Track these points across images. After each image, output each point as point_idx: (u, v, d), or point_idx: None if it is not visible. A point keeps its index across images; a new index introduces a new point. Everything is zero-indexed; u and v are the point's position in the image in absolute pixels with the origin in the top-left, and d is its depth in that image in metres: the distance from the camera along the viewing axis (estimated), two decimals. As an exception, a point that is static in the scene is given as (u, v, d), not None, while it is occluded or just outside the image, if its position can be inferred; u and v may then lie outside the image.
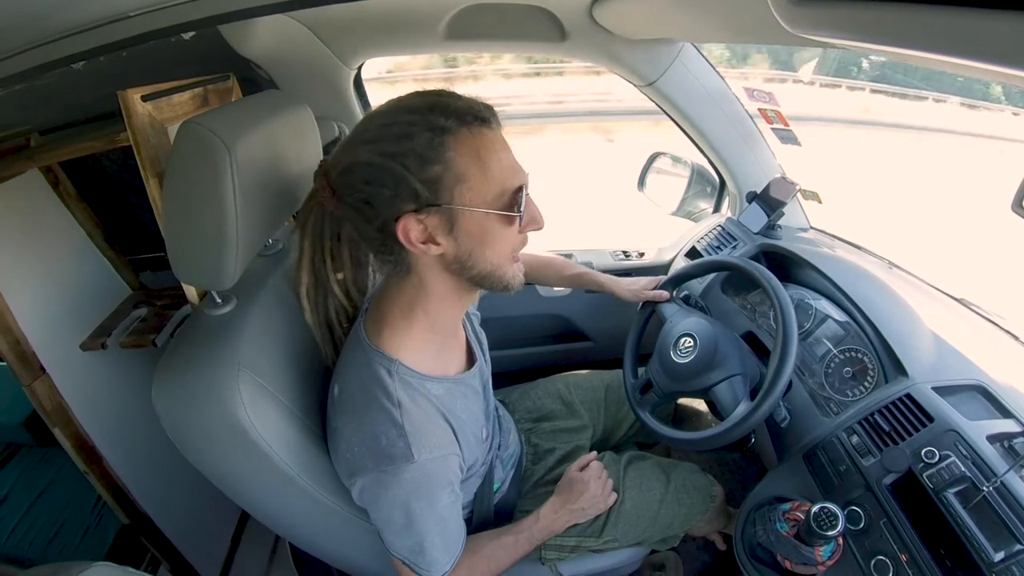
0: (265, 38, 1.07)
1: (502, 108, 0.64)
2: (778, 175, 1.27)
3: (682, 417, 1.31)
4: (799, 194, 1.23)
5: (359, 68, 1.25)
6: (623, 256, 1.49)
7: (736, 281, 1.18)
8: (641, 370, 1.05)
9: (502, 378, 1.07)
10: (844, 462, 0.81)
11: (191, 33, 0.68)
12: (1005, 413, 0.76)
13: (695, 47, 1.17)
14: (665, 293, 1.07)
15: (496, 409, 0.94)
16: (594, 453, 0.97)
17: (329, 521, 0.77)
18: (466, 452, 0.73)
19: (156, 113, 0.79)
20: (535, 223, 0.66)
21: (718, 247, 1.29)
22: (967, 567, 0.64)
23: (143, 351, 1.14)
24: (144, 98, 0.77)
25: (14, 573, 1.18)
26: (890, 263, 1.18)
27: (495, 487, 0.91)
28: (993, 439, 0.71)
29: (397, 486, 0.64)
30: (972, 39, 0.37)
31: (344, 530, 0.79)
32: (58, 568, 0.53)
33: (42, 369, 1.01)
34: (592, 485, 0.90)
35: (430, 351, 0.72)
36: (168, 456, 0.75)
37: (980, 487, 0.66)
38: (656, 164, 1.44)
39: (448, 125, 0.57)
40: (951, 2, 0.36)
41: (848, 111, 7.32)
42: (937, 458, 0.71)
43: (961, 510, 0.66)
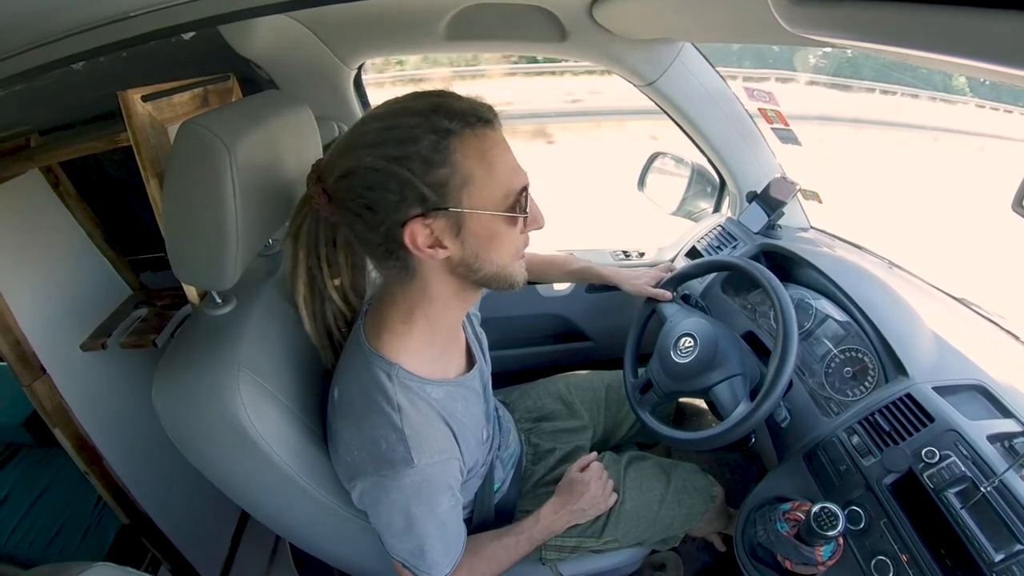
0: (265, 38, 1.07)
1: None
2: (778, 175, 1.27)
3: (685, 416, 1.31)
4: (799, 194, 1.23)
5: (359, 68, 1.26)
6: (623, 256, 1.49)
7: (736, 281, 1.18)
8: (641, 370, 1.05)
9: (502, 378, 1.07)
10: (844, 462, 0.81)
11: (191, 33, 0.68)
12: (1005, 413, 0.76)
13: (695, 47, 1.17)
14: (667, 293, 1.07)
15: (496, 409, 0.94)
16: (595, 454, 0.96)
17: (329, 521, 0.77)
18: (466, 455, 0.73)
19: (156, 113, 0.79)
20: (537, 223, 0.66)
21: (718, 247, 1.29)
22: (967, 567, 0.64)
23: (143, 351, 1.14)
24: (144, 98, 0.77)
25: (15, 573, 1.18)
26: (890, 263, 1.18)
27: (495, 487, 0.91)
28: (993, 439, 0.71)
29: (397, 491, 0.64)
30: (972, 38, 0.37)
31: (344, 530, 0.79)
32: (58, 568, 0.53)
33: (42, 369, 1.01)
34: (593, 486, 0.90)
35: (430, 354, 0.71)
36: (168, 456, 0.75)
37: (980, 487, 0.66)
38: (656, 164, 1.44)
39: (452, 127, 0.56)
40: (951, 2, 0.36)
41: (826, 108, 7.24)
42: (937, 458, 0.71)
43: (961, 510, 0.66)
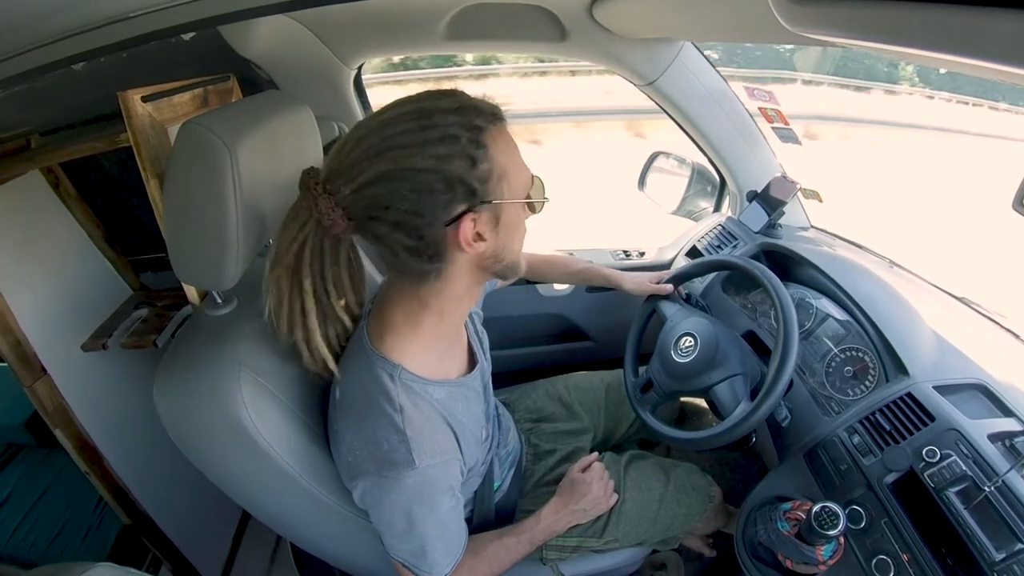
0: (265, 38, 1.07)
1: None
2: (778, 174, 1.27)
3: (686, 415, 1.31)
4: (799, 193, 1.23)
5: (359, 68, 1.25)
6: (623, 256, 1.49)
7: (737, 280, 1.18)
8: (642, 369, 1.05)
9: (503, 378, 1.07)
10: (845, 461, 0.81)
11: (191, 34, 0.68)
12: (1006, 412, 0.76)
13: (695, 46, 1.17)
14: (669, 287, 1.07)
15: (496, 408, 0.94)
16: (596, 454, 0.96)
17: (330, 521, 0.77)
18: (467, 454, 0.73)
19: (156, 114, 0.79)
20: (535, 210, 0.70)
21: (719, 246, 1.29)
22: (968, 566, 0.64)
23: (144, 352, 1.14)
24: (144, 99, 0.77)
25: (16, 574, 1.18)
26: (891, 262, 1.18)
27: (495, 485, 0.91)
28: (994, 438, 0.71)
29: (398, 491, 0.64)
30: (972, 37, 0.37)
31: (345, 530, 0.79)
32: (60, 569, 0.53)
33: (43, 370, 1.01)
34: (594, 486, 0.90)
35: (433, 355, 0.71)
36: (169, 456, 0.75)
37: (981, 486, 0.66)
38: (656, 163, 1.44)
39: (481, 124, 0.58)
40: (951, 1, 0.36)
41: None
42: (938, 457, 0.71)
43: (962, 509, 0.66)
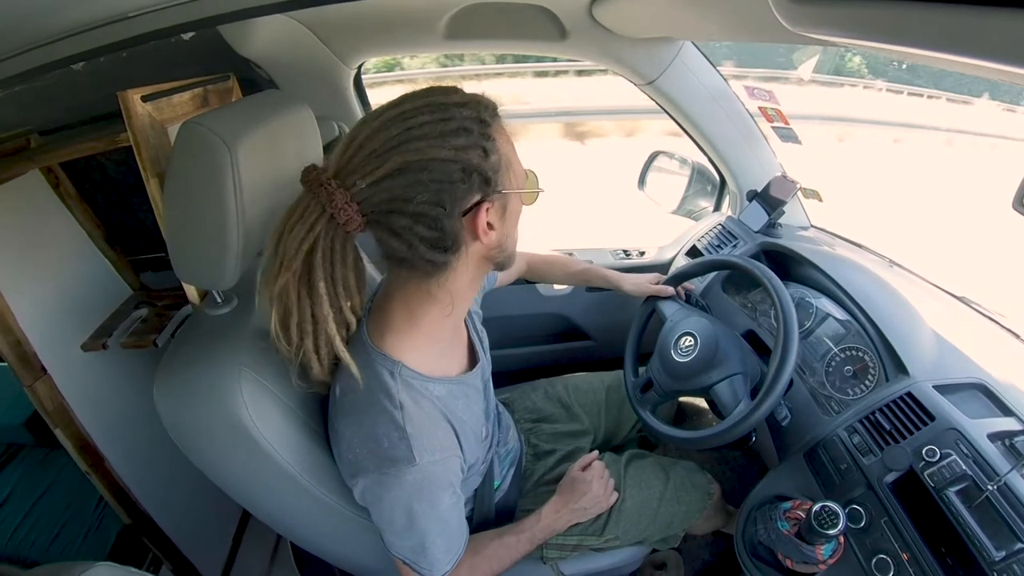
0: (265, 38, 1.07)
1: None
2: (778, 173, 1.27)
3: (685, 415, 1.31)
4: (799, 192, 1.23)
5: (359, 67, 1.25)
6: (623, 255, 1.49)
7: (737, 280, 1.18)
8: (642, 369, 1.05)
9: (503, 377, 1.07)
10: (845, 461, 0.81)
11: (191, 33, 0.68)
12: (1006, 411, 0.76)
13: (695, 46, 1.17)
14: (669, 288, 1.07)
15: (496, 407, 0.94)
16: (596, 453, 0.97)
17: (331, 520, 0.77)
18: (467, 452, 0.73)
19: (156, 113, 0.79)
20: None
21: (719, 246, 1.29)
22: (968, 565, 0.64)
23: (144, 351, 1.14)
24: (144, 98, 0.77)
25: (16, 574, 1.18)
26: (891, 261, 1.18)
27: (495, 484, 0.91)
28: (994, 437, 0.71)
29: (399, 488, 0.64)
30: (972, 37, 0.37)
31: (346, 529, 0.79)
32: (60, 568, 0.53)
33: (43, 370, 1.01)
34: (595, 485, 0.91)
35: (434, 352, 0.71)
36: (170, 456, 0.75)
37: (981, 486, 0.66)
38: (656, 163, 1.44)
39: (487, 118, 0.60)
40: (951, 0, 0.36)
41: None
42: (938, 457, 0.71)
43: (962, 508, 0.66)
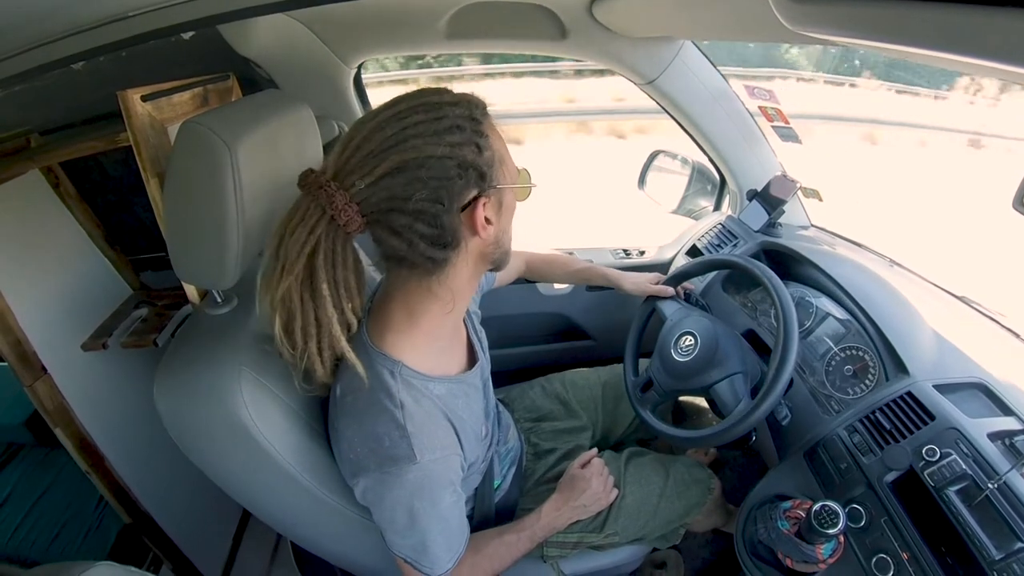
0: (265, 37, 1.07)
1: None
2: (778, 173, 1.27)
3: (685, 415, 1.31)
4: (799, 192, 1.23)
5: (359, 67, 1.25)
6: (623, 254, 1.49)
7: (737, 279, 1.18)
8: (642, 368, 1.05)
9: (503, 376, 1.07)
10: (845, 460, 0.81)
11: (191, 33, 0.68)
12: (1006, 411, 0.76)
13: (695, 45, 1.17)
14: (669, 288, 1.07)
15: (496, 406, 0.94)
16: (595, 450, 0.97)
17: (331, 520, 0.77)
18: (467, 451, 0.73)
19: (156, 113, 0.79)
20: None
21: (719, 245, 1.29)
22: (968, 565, 0.64)
23: (144, 351, 1.14)
24: (144, 98, 0.77)
25: (16, 573, 1.18)
26: (891, 261, 1.18)
27: (496, 484, 0.91)
28: (994, 437, 0.71)
29: (400, 487, 0.64)
30: (972, 36, 0.37)
31: (346, 528, 0.79)
32: (60, 568, 0.53)
33: (43, 369, 1.01)
34: (594, 482, 0.91)
35: (433, 351, 0.71)
36: (170, 456, 0.75)
37: (981, 485, 0.66)
38: (656, 162, 1.44)
39: (478, 116, 0.61)
40: (951, 0, 0.36)
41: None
42: (938, 456, 0.71)
43: (962, 508, 0.66)
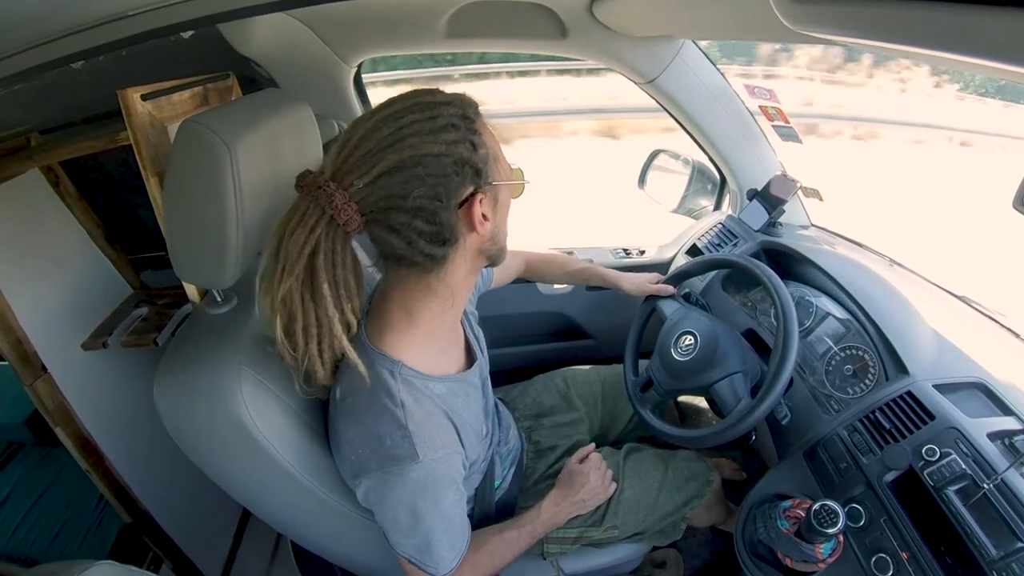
0: (265, 36, 1.07)
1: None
2: (779, 172, 1.27)
3: (684, 414, 1.31)
4: (800, 191, 1.23)
5: (359, 66, 1.25)
6: (623, 254, 1.49)
7: (737, 278, 1.18)
8: (642, 368, 1.05)
9: (503, 376, 1.07)
10: (845, 460, 0.81)
11: (191, 32, 0.68)
12: (1006, 410, 0.76)
13: (696, 44, 1.17)
14: (670, 288, 1.07)
15: (496, 406, 0.94)
16: (592, 445, 0.97)
17: (331, 519, 0.77)
18: (468, 450, 0.73)
19: (156, 112, 0.79)
20: None
21: (719, 244, 1.29)
22: (967, 564, 0.64)
23: (144, 350, 1.14)
24: (144, 97, 0.77)
25: (17, 572, 1.18)
26: (891, 260, 1.18)
27: (496, 484, 0.92)
28: (994, 436, 0.71)
29: (402, 486, 0.65)
30: (972, 36, 0.37)
31: (346, 528, 0.79)
32: (61, 567, 0.53)
33: (44, 368, 1.01)
34: (592, 476, 0.91)
35: (432, 351, 0.72)
36: (170, 455, 0.75)
37: (981, 485, 0.66)
38: (657, 161, 1.44)
39: (471, 114, 0.62)
40: (952, -1, 0.36)
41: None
42: (938, 456, 0.71)
43: (962, 508, 0.66)
